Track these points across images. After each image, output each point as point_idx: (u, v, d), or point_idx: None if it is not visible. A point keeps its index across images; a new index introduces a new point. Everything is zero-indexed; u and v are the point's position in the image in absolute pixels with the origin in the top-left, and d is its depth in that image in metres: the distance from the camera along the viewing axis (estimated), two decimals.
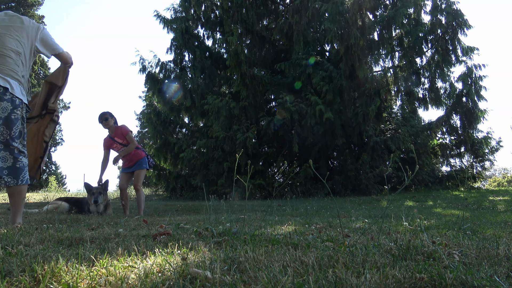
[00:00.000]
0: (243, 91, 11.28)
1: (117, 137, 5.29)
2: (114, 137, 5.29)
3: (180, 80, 12.69)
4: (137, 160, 5.37)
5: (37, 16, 32.02)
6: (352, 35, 10.31)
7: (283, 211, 5.11)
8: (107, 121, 5.24)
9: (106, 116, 5.26)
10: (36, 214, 4.82)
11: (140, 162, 5.38)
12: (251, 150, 10.75)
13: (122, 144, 5.29)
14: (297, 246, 1.74)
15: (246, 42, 12.61)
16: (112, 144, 5.32)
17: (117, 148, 5.31)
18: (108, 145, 5.36)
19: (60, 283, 1.07)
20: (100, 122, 5.27)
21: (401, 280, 1.07)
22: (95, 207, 5.05)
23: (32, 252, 1.54)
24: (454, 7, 11.39)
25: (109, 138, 5.33)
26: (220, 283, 1.06)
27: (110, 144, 5.34)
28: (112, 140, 5.31)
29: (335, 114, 10.61)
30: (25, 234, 2.23)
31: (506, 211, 4.98)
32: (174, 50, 13.07)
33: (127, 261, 1.36)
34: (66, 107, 33.25)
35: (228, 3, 11.73)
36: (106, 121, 5.24)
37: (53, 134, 3.81)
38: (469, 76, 11.33)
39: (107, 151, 5.37)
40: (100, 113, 5.30)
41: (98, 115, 5.32)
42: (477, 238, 2.11)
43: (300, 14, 11.05)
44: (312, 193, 10.52)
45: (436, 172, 12.34)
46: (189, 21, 12.90)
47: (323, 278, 1.09)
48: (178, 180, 12.97)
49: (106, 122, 5.24)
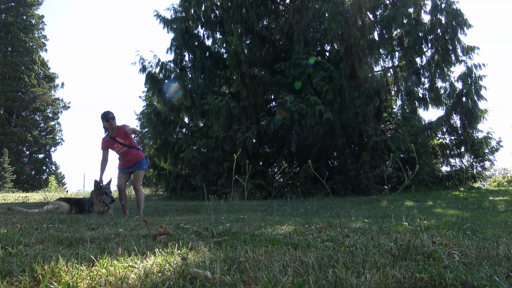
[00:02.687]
0: (243, 91, 11.28)
1: (119, 137, 5.25)
2: (116, 137, 5.24)
3: (180, 80, 12.69)
4: (137, 160, 5.35)
5: (36, 16, 32.00)
6: (352, 35, 10.31)
7: (283, 211, 5.11)
8: (113, 120, 5.20)
9: (112, 115, 5.23)
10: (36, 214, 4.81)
11: (140, 163, 5.36)
12: (251, 150, 10.75)
13: (124, 144, 5.26)
14: (297, 246, 1.74)
15: (246, 42, 12.61)
16: (113, 144, 5.28)
17: (117, 148, 5.28)
18: (108, 145, 5.31)
19: (60, 283, 1.07)
20: (105, 119, 5.20)
21: (401, 280, 1.07)
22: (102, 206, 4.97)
23: (32, 252, 1.54)
24: (454, 7, 11.39)
25: (110, 138, 5.28)
26: (220, 283, 1.06)
27: (111, 144, 5.29)
28: (113, 140, 5.26)
29: (335, 114, 10.61)
30: (25, 234, 2.23)
31: (506, 211, 4.98)
32: (174, 50, 13.07)
33: (127, 261, 1.36)
34: (66, 107, 33.23)
35: (228, 3, 11.73)
36: (113, 120, 5.20)
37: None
38: (469, 75, 11.33)
39: (106, 151, 5.33)
40: (105, 111, 5.25)
41: (102, 113, 5.24)
42: (477, 238, 2.11)
43: (300, 14, 11.05)
44: (312, 193, 10.52)
45: (436, 172, 12.33)
46: (189, 21, 12.90)
47: (323, 278, 1.08)
48: (178, 180, 12.97)
49: (112, 121, 5.19)
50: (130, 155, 5.29)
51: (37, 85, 30.74)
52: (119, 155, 5.39)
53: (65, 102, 33.52)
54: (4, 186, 23.02)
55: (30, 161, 30.54)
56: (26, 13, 31.59)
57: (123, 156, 5.33)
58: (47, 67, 32.63)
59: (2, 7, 30.89)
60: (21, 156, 30.03)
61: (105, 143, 5.34)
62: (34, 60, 30.88)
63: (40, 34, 32.40)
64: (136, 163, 5.33)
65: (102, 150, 5.37)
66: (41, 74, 31.92)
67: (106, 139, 5.33)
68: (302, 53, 11.03)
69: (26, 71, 30.28)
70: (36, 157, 30.77)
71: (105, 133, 5.37)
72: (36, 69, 30.99)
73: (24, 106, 30.02)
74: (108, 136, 5.32)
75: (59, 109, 32.82)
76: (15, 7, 31.10)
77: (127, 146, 5.27)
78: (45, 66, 32.40)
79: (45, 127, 31.78)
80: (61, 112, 33.08)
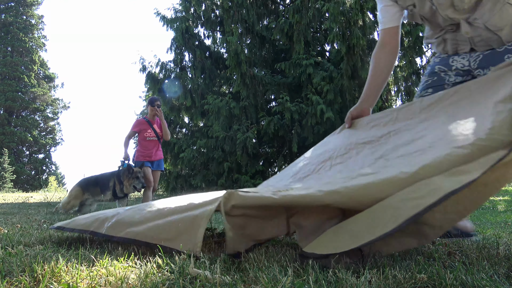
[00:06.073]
0: (243, 91, 11.28)
1: (156, 125, 5.26)
2: (153, 124, 5.25)
3: (180, 80, 12.70)
4: (160, 158, 5.33)
5: (36, 16, 31.99)
6: (354, 35, 10.32)
7: None
8: (159, 108, 5.23)
9: (159, 103, 5.30)
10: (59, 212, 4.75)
11: (162, 162, 5.37)
12: (251, 150, 10.76)
13: (156, 133, 5.22)
14: (297, 246, 1.74)
15: (246, 42, 12.61)
16: (147, 128, 5.22)
17: (148, 134, 5.22)
18: (141, 128, 5.24)
19: (60, 283, 1.07)
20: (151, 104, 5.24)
21: (401, 281, 1.07)
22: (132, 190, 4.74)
23: (32, 252, 1.54)
24: None
25: (146, 122, 5.25)
26: (220, 283, 1.06)
27: (144, 127, 5.23)
28: (148, 125, 5.23)
29: (336, 114, 10.62)
30: (25, 234, 2.23)
31: (506, 211, 4.98)
32: (174, 50, 13.08)
33: (127, 261, 1.36)
34: (65, 107, 33.21)
35: (229, 3, 11.74)
36: (158, 108, 5.23)
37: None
38: None
39: (135, 132, 5.27)
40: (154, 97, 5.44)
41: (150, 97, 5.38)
42: (477, 238, 2.11)
43: (300, 14, 11.05)
44: None
45: None
46: (189, 20, 12.91)
47: (323, 278, 1.08)
48: (178, 180, 12.97)
49: (158, 109, 5.21)
50: (155, 149, 5.26)
51: (37, 85, 30.73)
52: (143, 143, 5.25)
53: (65, 102, 33.56)
54: (4, 186, 23.04)
55: (30, 161, 30.55)
56: (26, 13, 31.59)
57: (148, 147, 5.23)
58: (46, 67, 32.62)
59: (2, 7, 30.89)
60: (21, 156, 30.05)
61: (138, 125, 5.29)
62: (34, 60, 30.89)
63: (39, 34, 32.41)
64: (158, 159, 5.30)
65: (131, 130, 5.30)
66: (41, 74, 31.92)
67: (141, 121, 5.31)
68: (302, 53, 11.04)
69: (26, 71, 30.28)
70: (36, 157, 30.78)
71: (143, 116, 5.41)
72: (36, 69, 30.99)
73: (24, 106, 30.02)
74: (144, 119, 5.29)
75: (59, 109, 32.84)
76: (15, 7, 31.11)
77: (158, 139, 5.24)
78: (44, 66, 32.39)
79: (45, 127, 31.79)
80: (61, 112, 33.12)
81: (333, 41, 11.30)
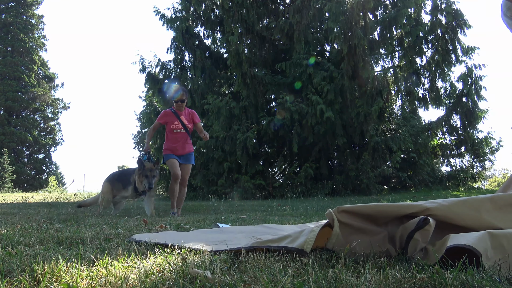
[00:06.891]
0: (243, 91, 11.28)
1: (185, 116, 4.94)
2: (180, 115, 4.92)
3: (180, 80, 12.69)
4: (190, 151, 4.99)
5: (36, 16, 31.97)
6: (356, 35, 10.32)
7: (283, 211, 5.11)
8: (183, 103, 4.92)
9: (186, 95, 4.99)
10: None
11: (192, 155, 5.03)
12: (251, 150, 10.76)
13: (184, 125, 4.89)
14: None
15: (247, 42, 12.61)
16: (174, 120, 4.89)
17: (175, 126, 4.89)
18: (167, 120, 4.92)
19: (60, 283, 1.07)
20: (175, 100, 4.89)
21: (401, 280, 1.07)
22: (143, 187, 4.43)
23: (32, 252, 1.54)
24: (454, 7, 11.39)
25: (172, 113, 4.92)
26: (220, 283, 1.06)
27: (171, 119, 4.90)
28: (175, 116, 4.90)
29: (336, 114, 10.61)
30: (25, 234, 2.23)
31: None
32: (174, 50, 13.07)
33: (127, 261, 1.36)
34: (65, 107, 33.20)
35: (229, 2, 11.73)
36: (182, 103, 4.91)
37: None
38: (469, 76, 11.33)
39: (160, 123, 4.96)
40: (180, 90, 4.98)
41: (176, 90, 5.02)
42: None
43: (301, 14, 11.05)
44: (312, 193, 10.52)
45: (436, 172, 12.33)
46: (189, 20, 12.90)
47: (323, 278, 1.08)
48: None
49: (182, 104, 4.90)
50: (184, 142, 4.93)
51: (37, 85, 30.72)
52: (170, 136, 4.94)
53: (65, 102, 33.50)
54: (4, 186, 23.03)
55: (30, 161, 30.53)
56: (26, 13, 31.58)
57: (177, 139, 4.90)
58: (47, 67, 32.61)
59: (2, 7, 30.88)
60: (21, 156, 30.03)
61: (164, 117, 4.97)
62: (34, 60, 30.87)
63: (40, 34, 32.38)
64: (188, 153, 4.98)
65: (157, 121, 5.03)
66: (41, 74, 31.90)
67: (168, 113, 4.99)
68: (302, 53, 11.03)
69: (26, 71, 30.26)
70: (36, 157, 30.75)
71: (170, 108, 5.09)
72: (36, 69, 30.98)
73: (24, 106, 30.01)
74: (171, 110, 4.99)
75: (59, 109, 32.80)
76: (15, 7, 31.08)
77: (186, 130, 4.92)
78: (45, 66, 32.37)
79: (45, 127, 31.76)
80: (61, 112, 33.06)
81: (333, 41, 11.30)
